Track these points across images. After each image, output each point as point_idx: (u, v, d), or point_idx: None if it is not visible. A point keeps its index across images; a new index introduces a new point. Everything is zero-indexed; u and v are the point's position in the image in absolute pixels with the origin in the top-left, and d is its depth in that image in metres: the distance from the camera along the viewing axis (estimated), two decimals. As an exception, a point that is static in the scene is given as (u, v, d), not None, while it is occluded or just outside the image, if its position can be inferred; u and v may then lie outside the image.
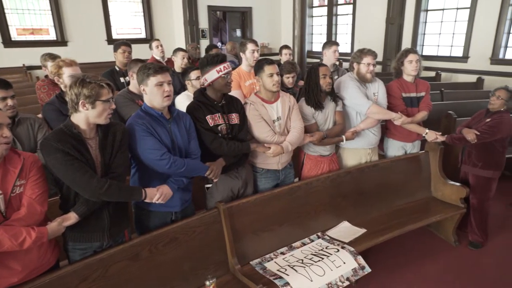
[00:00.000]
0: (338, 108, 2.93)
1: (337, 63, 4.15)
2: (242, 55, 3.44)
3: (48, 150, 1.72)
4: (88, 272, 1.88)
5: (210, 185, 2.48)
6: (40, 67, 3.78)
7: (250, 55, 3.36)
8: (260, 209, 2.55)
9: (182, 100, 3.11)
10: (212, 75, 2.30)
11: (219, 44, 11.61)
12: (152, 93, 2.01)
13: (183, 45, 8.81)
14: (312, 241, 2.72)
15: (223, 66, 2.30)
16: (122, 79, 3.80)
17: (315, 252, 2.56)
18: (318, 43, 10.43)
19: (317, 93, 2.76)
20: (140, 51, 6.15)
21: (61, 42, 8.48)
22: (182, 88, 3.96)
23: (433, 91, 4.60)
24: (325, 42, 4.07)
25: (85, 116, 1.78)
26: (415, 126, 3.20)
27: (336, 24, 9.95)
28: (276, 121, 2.61)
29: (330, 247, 2.60)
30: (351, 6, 9.22)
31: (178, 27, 9.67)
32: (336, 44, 3.90)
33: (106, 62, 7.63)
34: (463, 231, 3.33)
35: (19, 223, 1.64)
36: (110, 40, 8.96)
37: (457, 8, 7.30)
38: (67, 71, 2.66)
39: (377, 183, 3.17)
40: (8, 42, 7.95)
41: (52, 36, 8.50)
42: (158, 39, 5.09)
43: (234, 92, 3.05)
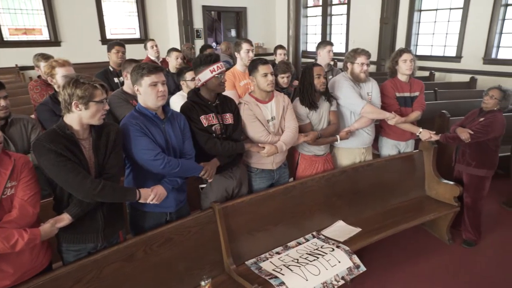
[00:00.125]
0: (332, 108, 2.94)
1: (331, 63, 4.16)
2: (236, 55, 3.44)
3: (40, 151, 1.70)
4: (82, 273, 1.87)
5: (204, 185, 2.47)
6: (33, 68, 3.75)
7: (245, 55, 3.36)
8: (255, 209, 2.55)
9: (177, 101, 3.11)
10: (206, 75, 2.30)
11: (214, 44, 11.58)
12: (146, 93, 2.00)
13: (178, 45, 8.79)
14: (307, 240, 2.72)
15: (217, 66, 2.30)
16: (116, 80, 3.78)
17: (310, 252, 2.56)
18: (313, 43, 10.45)
19: (311, 93, 2.77)
20: (134, 51, 6.13)
21: (54, 42, 8.41)
22: (176, 88, 3.94)
23: (427, 90, 4.62)
24: (319, 42, 4.09)
25: (78, 117, 1.77)
26: (409, 125, 3.22)
27: (331, 24, 9.99)
28: (270, 121, 2.62)
29: (325, 246, 2.61)
30: (346, 6, 9.26)
31: (172, 27, 9.64)
32: (331, 44, 3.91)
33: (100, 62, 7.58)
34: (457, 230, 3.36)
35: (11, 225, 1.62)
36: (104, 40, 8.90)
37: (450, 9, 7.36)
38: (60, 72, 2.64)
39: (371, 182, 3.18)
40: (0, 42, 7.88)
41: (45, 36, 8.43)
42: (153, 39, 5.08)
43: (229, 92, 3.05)
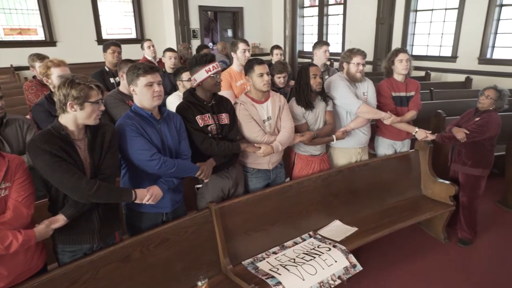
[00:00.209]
0: (328, 108, 2.94)
1: (328, 63, 4.17)
2: (233, 55, 3.43)
3: (35, 152, 1.69)
4: (78, 274, 1.86)
5: (200, 185, 2.47)
6: (28, 68, 3.73)
7: (242, 55, 3.36)
8: (252, 209, 2.55)
9: (173, 101, 3.10)
10: (201, 75, 2.30)
11: (211, 44, 11.58)
12: (142, 93, 2.00)
13: (174, 45, 8.77)
14: (304, 240, 2.73)
15: (212, 65, 2.30)
16: (112, 80, 3.76)
17: (307, 251, 2.57)
18: (309, 43, 10.47)
19: (307, 93, 2.78)
20: (131, 52, 6.12)
21: (49, 42, 8.38)
22: (173, 88, 3.94)
23: (422, 90, 4.65)
24: (315, 42, 4.09)
25: (73, 117, 1.76)
26: (405, 125, 3.23)
27: (327, 24, 10.01)
28: (266, 121, 2.62)
29: (322, 246, 2.61)
30: (342, 6, 9.28)
31: (169, 27, 9.63)
32: (327, 44, 3.92)
33: (96, 62, 7.57)
34: (453, 229, 3.38)
35: (5, 226, 1.60)
36: (100, 40, 8.88)
37: (445, 9, 7.40)
38: (56, 72, 2.62)
39: (368, 182, 3.19)
40: (-5, 42, 7.87)
41: (40, 36, 8.39)
42: (150, 39, 5.06)
43: (225, 92, 3.05)
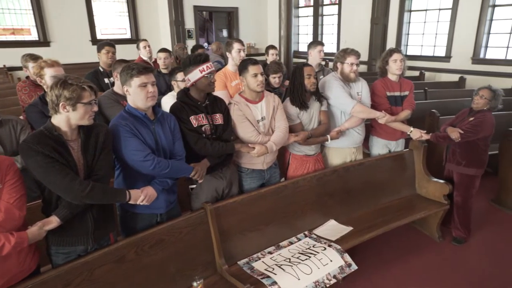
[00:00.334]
0: (323, 108, 2.95)
1: (323, 63, 4.18)
2: (228, 55, 3.43)
3: (27, 153, 1.67)
4: (72, 276, 1.84)
5: (194, 185, 2.46)
6: (21, 68, 3.70)
7: (236, 55, 3.35)
8: (247, 209, 2.55)
9: (168, 101, 3.09)
10: (195, 75, 2.29)
11: (206, 44, 11.56)
12: (136, 94, 1.99)
13: (169, 45, 8.75)
14: (299, 240, 2.73)
15: (206, 65, 2.30)
16: (106, 80, 3.74)
17: (302, 251, 2.57)
18: (304, 43, 10.50)
19: (301, 93, 2.78)
20: (126, 52, 6.09)
21: (43, 42, 8.32)
22: (168, 89, 3.93)
23: (417, 90, 4.68)
24: (310, 42, 4.10)
25: (66, 118, 1.74)
26: (399, 124, 3.25)
27: (322, 24, 10.04)
28: (260, 121, 2.62)
29: (317, 245, 2.62)
30: (337, 6, 9.31)
31: (164, 27, 9.60)
32: (321, 44, 3.93)
33: (90, 63, 7.53)
34: (447, 227, 3.40)
35: None
36: (95, 40, 8.83)
37: (439, 9, 7.45)
38: (49, 72, 2.60)
39: (362, 181, 3.20)
40: (-12, 43, 7.80)
41: (34, 36, 8.33)
42: (145, 40, 5.05)
43: (220, 92, 3.04)
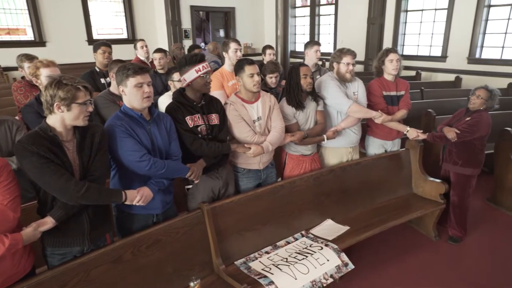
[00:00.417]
0: (319, 108, 2.95)
1: (319, 63, 4.18)
2: (225, 55, 3.43)
3: (22, 154, 1.66)
4: (68, 277, 1.83)
5: (190, 186, 2.46)
6: (17, 68, 3.68)
7: (233, 55, 3.35)
8: (244, 209, 2.55)
9: (165, 101, 3.08)
10: (191, 74, 2.29)
11: (202, 44, 11.54)
12: (132, 94, 1.98)
13: (166, 45, 8.73)
14: (296, 239, 2.73)
15: (202, 65, 2.29)
16: (102, 80, 3.73)
17: (299, 251, 2.57)
18: (301, 43, 10.50)
19: (298, 93, 2.78)
20: (122, 52, 6.07)
21: (39, 42, 8.27)
22: (164, 89, 3.93)
23: (413, 89, 4.70)
24: (306, 42, 4.11)
25: (60, 118, 1.73)
26: (396, 124, 3.26)
27: (319, 24, 10.05)
28: (256, 121, 2.62)
29: (314, 245, 2.62)
30: (333, 6, 9.33)
31: (160, 27, 9.58)
32: (318, 44, 3.94)
33: (86, 63, 7.48)
34: (443, 226, 3.42)
35: None
36: (91, 40, 8.79)
37: (435, 9, 7.48)
38: (45, 72, 2.59)
39: (359, 181, 3.21)
40: (-17, 43, 7.75)
41: (29, 36, 8.28)
42: (143, 40, 5.04)
43: (217, 92, 3.04)
